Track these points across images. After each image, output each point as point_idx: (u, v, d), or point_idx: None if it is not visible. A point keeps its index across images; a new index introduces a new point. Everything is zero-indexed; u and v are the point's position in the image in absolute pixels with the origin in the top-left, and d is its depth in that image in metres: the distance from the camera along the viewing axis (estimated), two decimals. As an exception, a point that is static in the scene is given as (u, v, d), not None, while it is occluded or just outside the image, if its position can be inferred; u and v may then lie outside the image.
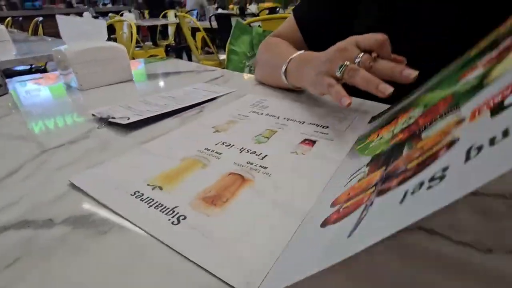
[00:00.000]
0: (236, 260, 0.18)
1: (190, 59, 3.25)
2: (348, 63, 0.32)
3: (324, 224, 0.17)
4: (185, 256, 0.18)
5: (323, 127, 0.34)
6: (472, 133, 0.13)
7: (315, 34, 0.55)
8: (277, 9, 3.49)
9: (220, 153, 0.30)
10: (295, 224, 0.20)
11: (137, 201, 0.23)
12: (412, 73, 0.28)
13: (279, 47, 0.54)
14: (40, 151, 0.32)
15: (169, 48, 3.28)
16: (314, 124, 0.35)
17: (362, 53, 0.32)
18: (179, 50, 3.31)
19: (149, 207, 0.23)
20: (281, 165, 0.27)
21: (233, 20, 1.87)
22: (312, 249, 0.16)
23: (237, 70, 1.06)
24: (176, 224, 0.21)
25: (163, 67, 0.72)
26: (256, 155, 0.29)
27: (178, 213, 0.22)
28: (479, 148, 0.11)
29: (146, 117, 0.38)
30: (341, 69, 0.32)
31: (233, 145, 0.31)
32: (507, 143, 0.10)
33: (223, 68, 0.78)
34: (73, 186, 0.25)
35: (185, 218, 0.21)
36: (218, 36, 2.70)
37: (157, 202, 0.23)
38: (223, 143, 0.32)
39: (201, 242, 0.19)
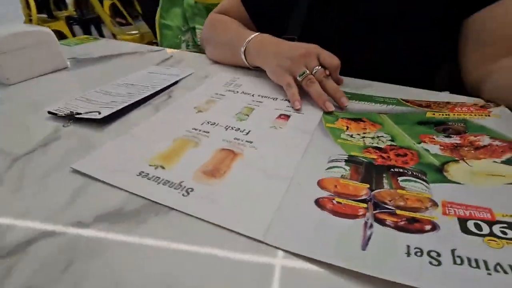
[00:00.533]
0: (244, 218, 0.22)
1: (101, 33, 2.83)
2: (308, 72, 0.38)
3: (319, 205, 0.22)
4: (206, 220, 0.21)
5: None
6: (447, 239, 0.19)
7: (260, 11, 0.58)
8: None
9: (208, 132, 0.32)
10: (284, 187, 0.24)
11: (145, 180, 0.25)
12: (345, 103, 0.36)
13: (231, 26, 0.55)
14: (10, 159, 0.29)
15: (71, 21, 2.78)
16: (286, 99, 0.40)
17: (319, 66, 0.39)
18: (86, 23, 2.83)
19: (157, 184, 0.25)
20: (264, 138, 0.31)
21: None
22: (310, 224, 0.21)
23: (173, 46, 1.01)
24: (186, 196, 0.24)
25: (97, 49, 0.65)
26: (240, 131, 0.33)
27: (185, 186, 0.25)
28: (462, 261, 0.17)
29: (118, 108, 0.36)
30: (301, 76, 0.38)
31: (218, 123, 0.34)
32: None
33: (147, 43, 0.73)
34: (77, 188, 0.25)
35: (192, 190, 0.24)
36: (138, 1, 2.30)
37: (163, 179, 0.25)
38: (208, 122, 0.34)
39: (212, 208, 0.23)
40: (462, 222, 0.20)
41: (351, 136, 0.31)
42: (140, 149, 0.30)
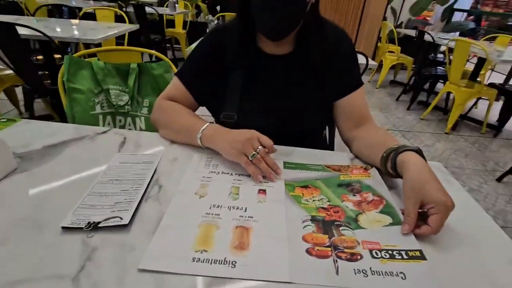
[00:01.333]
0: (274, 269, 0.37)
1: None
2: (256, 153, 0.54)
3: (308, 253, 0.39)
4: (257, 279, 0.36)
5: (263, 177, 0.54)
6: (367, 262, 0.38)
7: (199, 91, 0.74)
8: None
9: (218, 214, 0.46)
10: (286, 244, 0.40)
11: (200, 264, 0.37)
12: (279, 172, 0.56)
13: (181, 113, 0.69)
14: (68, 281, 0.33)
15: None
16: None
17: (260, 146, 0.55)
18: None
19: (210, 264, 0.37)
20: (258, 212, 0.47)
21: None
22: (309, 264, 0.38)
23: (87, 110, 0.99)
24: (234, 268, 0.38)
25: (30, 137, 0.62)
26: (240, 209, 0.47)
27: (229, 260, 0.38)
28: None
29: (134, 209, 0.44)
30: (252, 156, 0.54)
31: (221, 205, 0.48)
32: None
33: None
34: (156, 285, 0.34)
35: (235, 262, 0.38)
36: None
37: (212, 259, 0.38)
38: (213, 205, 0.47)
39: (256, 271, 0.37)
40: (370, 251, 0.40)
41: (307, 200, 0.50)
42: (178, 237, 0.40)
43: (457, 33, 4.39)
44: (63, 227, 0.40)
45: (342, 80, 0.72)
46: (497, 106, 2.98)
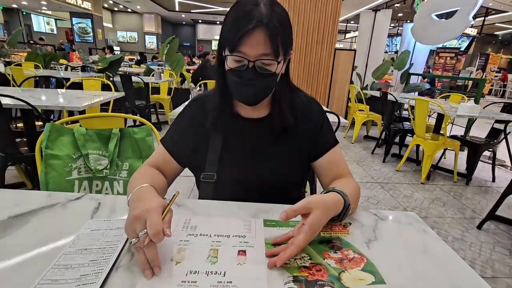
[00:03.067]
0: None
1: None
2: (135, 241, 0.45)
3: None
4: None
5: (243, 237, 0.54)
6: None
7: (181, 155, 0.77)
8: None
9: (195, 282, 0.43)
10: None
11: None
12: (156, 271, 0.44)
13: (143, 177, 0.67)
14: None
15: None
16: (236, 235, 0.55)
17: (142, 232, 0.45)
18: None
19: None
20: (238, 276, 0.45)
21: None
22: None
23: (62, 176, 0.97)
24: None
25: (-5, 207, 0.59)
26: (218, 274, 0.45)
27: None
28: None
29: (101, 283, 0.41)
30: (131, 244, 0.46)
31: (198, 271, 0.45)
32: None
33: None
34: None
35: None
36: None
37: None
38: (190, 271, 0.45)
39: None
40: None
41: (289, 260, 0.48)
42: None
43: (416, 93, 4.93)
44: None
45: (317, 142, 0.77)
46: (463, 155, 3.20)
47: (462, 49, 10.43)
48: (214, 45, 18.18)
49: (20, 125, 2.34)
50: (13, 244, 0.49)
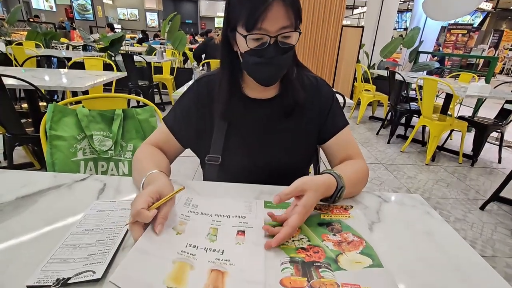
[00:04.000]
0: None
1: None
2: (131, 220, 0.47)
3: None
4: None
5: (243, 218, 0.54)
6: None
7: (184, 136, 0.76)
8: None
9: (194, 254, 0.44)
10: None
11: None
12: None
13: (144, 158, 0.68)
14: None
15: None
16: (237, 216, 0.55)
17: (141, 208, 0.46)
18: None
19: None
20: (235, 255, 0.45)
21: None
22: None
23: (68, 157, 0.98)
24: None
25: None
26: (217, 252, 0.46)
27: None
28: None
29: (109, 261, 0.42)
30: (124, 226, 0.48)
31: (198, 246, 0.46)
32: None
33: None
34: None
35: None
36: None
37: None
38: (189, 244, 0.46)
39: None
40: None
41: (286, 241, 0.49)
42: (152, 266, 0.40)
43: (425, 72, 4.79)
44: (28, 286, 0.37)
45: (326, 123, 0.76)
46: (470, 136, 3.16)
47: (475, 25, 9.96)
48: (217, 23, 17.64)
49: (24, 105, 2.34)
50: (21, 224, 0.50)
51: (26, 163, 2.17)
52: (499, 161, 2.93)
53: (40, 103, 2.04)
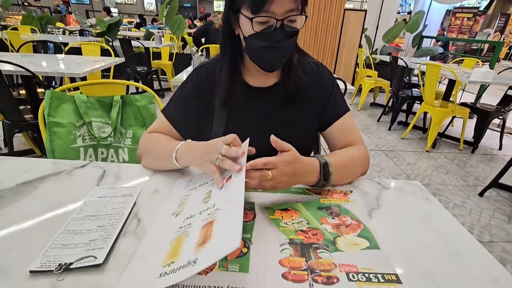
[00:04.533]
0: (229, 239, 0.35)
1: None
2: (220, 156, 0.51)
3: (284, 277, 0.39)
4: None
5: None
6: (343, 286, 0.38)
7: (184, 127, 0.76)
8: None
9: (190, 224, 0.45)
10: (241, 207, 0.39)
11: (166, 276, 0.35)
12: (237, 168, 0.49)
13: (161, 140, 0.70)
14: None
15: None
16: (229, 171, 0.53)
17: (225, 145, 0.52)
18: None
19: (175, 272, 0.35)
20: (221, 199, 0.46)
21: None
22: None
23: (68, 143, 0.98)
24: (194, 265, 0.34)
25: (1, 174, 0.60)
26: (210, 208, 0.46)
27: (191, 260, 0.35)
28: None
29: (110, 247, 0.42)
30: (216, 160, 0.52)
31: (193, 214, 0.47)
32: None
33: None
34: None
35: (197, 259, 0.35)
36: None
37: (176, 267, 0.36)
38: (187, 218, 0.47)
39: (212, 254, 0.35)
40: (347, 274, 0.40)
41: (286, 223, 0.50)
42: (151, 264, 0.39)
43: (428, 57, 4.71)
44: (31, 271, 0.38)
45: (327, 110, 0.75)
46: (471, 123, 3.14)
47: (481, 9, 9.69)
48: (217, 6, 17.18)
49: (22, 92, 2.32)
50: (22, 210, 0.51)
51: (26, 150, 2.17)
52: (500, 148, 2.93)
53: (38, 90, 2.02)
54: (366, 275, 0.41)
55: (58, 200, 0.54)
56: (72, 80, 2.42)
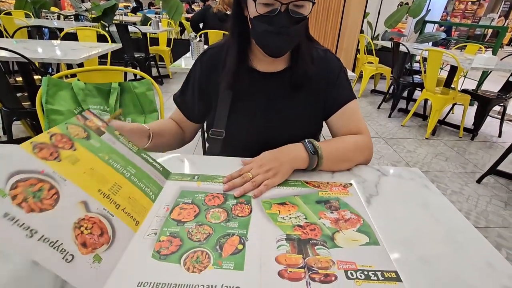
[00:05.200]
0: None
1: None
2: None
3: (280, 275, 0.37)
4: None
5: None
6: (341, 284, 0.36)
7: (191, 111, 0.78)
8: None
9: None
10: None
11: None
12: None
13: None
14: None
15: None
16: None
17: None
18: None
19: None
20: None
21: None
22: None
23: (67, 131, 0.97)
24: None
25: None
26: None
27: None
28: None
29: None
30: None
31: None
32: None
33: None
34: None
35: None
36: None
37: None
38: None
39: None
40: (345, 272, 0.39)
41: (283, 218, 0.48)
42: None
43: (430, 43, 4.63)
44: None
45: (332, 96, 0.73)
46: (472, 110, 3.13)
47: (487, -8, 9.46)
48: (215, -10, 16.68)
49: (19, 79, 2.29)
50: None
51: (26, 137, 2.17)
52: (500, 135, 2.93)
53: (35, 76, 2.00)
54: (365, 272, 0.39)
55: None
56: (69, 66, 2.39)
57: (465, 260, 0.44)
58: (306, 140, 0.64)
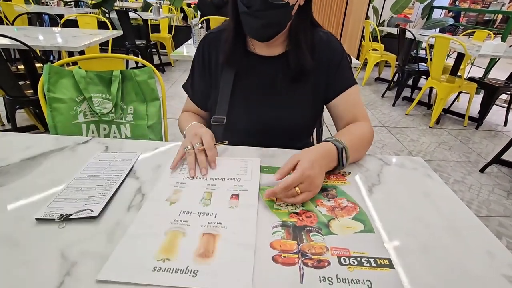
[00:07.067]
0: (237, 280, 0.35)
1: None
2: (189, 148, 0.59)
3: (274, 261, 0.38)
4: None
5: (238, 180, 0.54)
6: (334, 269, 0.37)
7: (203, 102, 0.80)
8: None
9: (187, 221, 0.44)
10: (252, 252, 0.39)
11: (161, 273, 0.35)
12: (203, 172, 0.56)
13: (187, 119, 0.78)
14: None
15: None
16: (231, 178, 0.55)
17: (198, 143, 0.60)
18: None
19: (171, 274, 0.36)
20: (228, 218, 0.45)
21: None
22: (273, 273, 0.36)
23: (69, 119, 0.98)
24: (195, 277, 0.35)
25: (4, 150, 0.61)
26: (210, 215, 0.45)
27: (191, 269, 0.36)
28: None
29: (105, 203, 0.45)
30: (185, 149, 0.59)
31: (191, 212, 0.46)
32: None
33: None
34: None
35: (197, 271, 0.36)
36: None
37: (173, 268, 0.36)
38: (183, 211, 0.46)
39: (217, 280, 0.35)
40: (338, 258, 0.40)
41: (280, 205, 0.49)
42: (143, 247, 0.39)
43: (437, 29, 4.51)
44: (37, 219, 0.42)
45: (333, 81, 0.73)
46: (478, 99, 3.08)
47: (498, -25, 9.09)
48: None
49: (21, 67, 2.28)
50: (29, 185, 0.52)
51: (30, 125, 2.18)
52: (505, 124, 2.90)
53: (37, 64, 1.99)
54: (358, 259, 0.40)
55: (63, 175, 0.54)
56: (70, 54, 2.37)
57: (465, 249, 0.44)
58: (341, 148, 0.58)
